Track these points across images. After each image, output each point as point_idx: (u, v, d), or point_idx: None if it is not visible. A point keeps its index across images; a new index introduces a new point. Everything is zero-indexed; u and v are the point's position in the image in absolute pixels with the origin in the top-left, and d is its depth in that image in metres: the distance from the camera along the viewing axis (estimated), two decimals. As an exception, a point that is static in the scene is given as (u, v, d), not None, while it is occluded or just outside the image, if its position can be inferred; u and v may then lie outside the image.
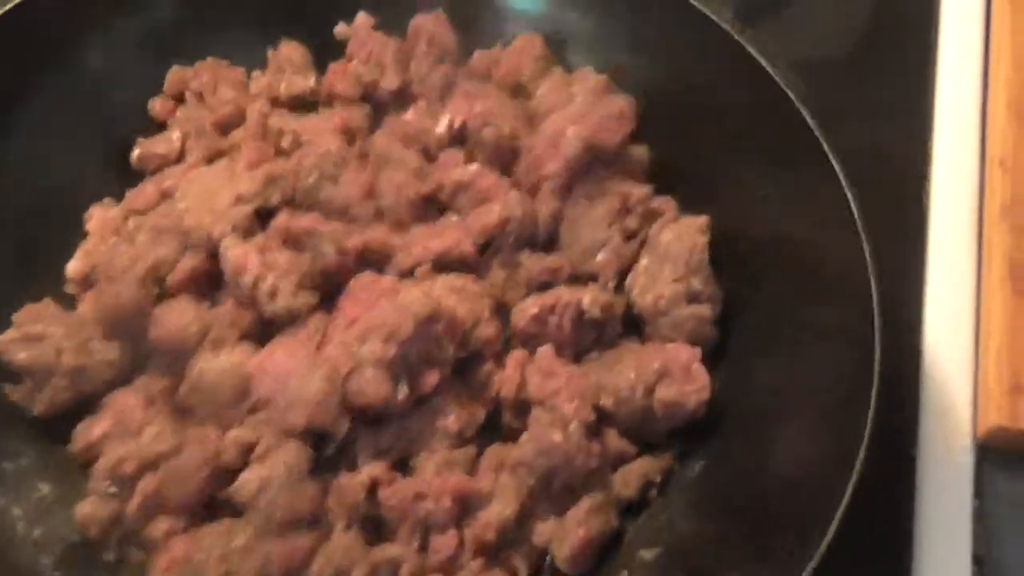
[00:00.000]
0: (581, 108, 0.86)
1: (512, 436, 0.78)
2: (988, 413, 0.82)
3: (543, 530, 0.75)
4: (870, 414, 0.68)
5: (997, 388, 0.82)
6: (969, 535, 0.80)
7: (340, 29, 0.96)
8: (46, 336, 0.80)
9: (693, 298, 0.80)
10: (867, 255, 0.73)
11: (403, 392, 0.75)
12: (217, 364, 0.77)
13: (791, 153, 0.79)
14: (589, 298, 0.79)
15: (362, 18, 0.96)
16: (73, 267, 0.86)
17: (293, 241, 0.82)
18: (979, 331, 0.86)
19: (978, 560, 0.79)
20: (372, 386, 0.74)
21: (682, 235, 0.81)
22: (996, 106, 0.95)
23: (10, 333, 0.80)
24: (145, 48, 0.93)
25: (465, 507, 0.75)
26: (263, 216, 0.84)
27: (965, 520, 0.80)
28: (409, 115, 0.90)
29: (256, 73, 0.95)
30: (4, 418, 0.80)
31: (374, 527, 0.76)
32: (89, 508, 0.76)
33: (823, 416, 0.73)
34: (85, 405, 0.80)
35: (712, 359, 0.79)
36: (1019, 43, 0.96)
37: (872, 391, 0.69)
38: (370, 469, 0.76)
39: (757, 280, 0.81)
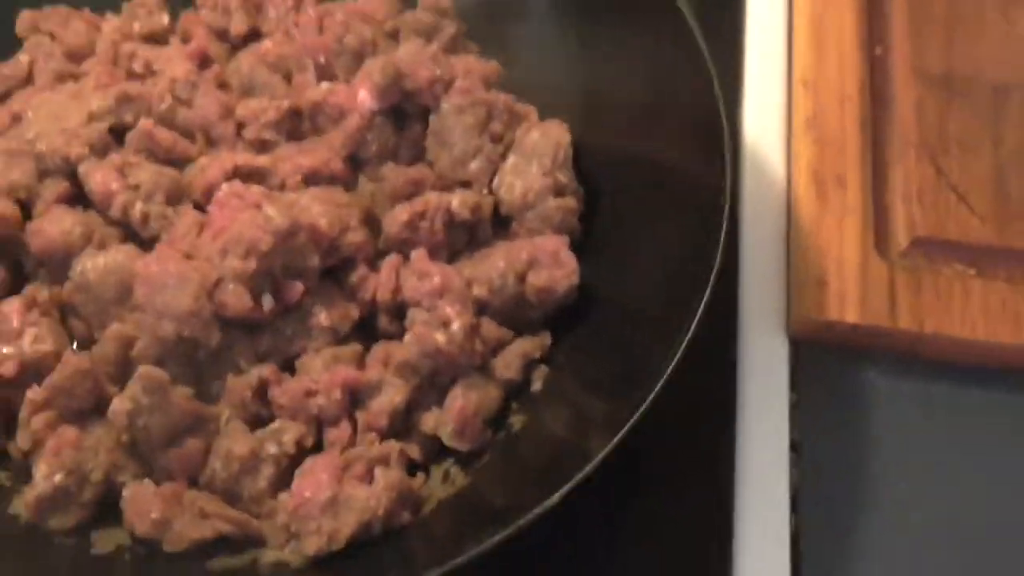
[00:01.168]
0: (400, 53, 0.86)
1: (389, 339, 0.78)
2: (797, 307, 0.87)
3: (428, 419, 0.76)
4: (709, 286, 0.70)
5: (804, 283, 0.87)
6: (787, 425, 0.84)
7: None
8: None
9: (559, 191, 0.81)
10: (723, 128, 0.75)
11: (268, 303, 0.75)
12: (100, 262, 0.75)
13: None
14: (458, 200, 0.80)
15: None
16: None
17: (157, 152, 0.81)
18: (790, 235, 0.91)
19: (795, 447, 0.83)
20: (234, 300, 0.74)
21: (547, 134, 0.83)
22: (799, 30, 1.02)
23: None
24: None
25: (356, 398, 0.75)
26: (117, 134, 0.83)
27: (783, 410, 0.84)
28: (267, 44, 0.89)
29: (109, 15, 0.93)
30: None
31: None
32: None
33: (666, 304, 0.75)
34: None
35: (577, 251, 0.79)
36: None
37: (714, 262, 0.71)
38: (258, 370, 0.75)
39: (614, 177, 0.83)
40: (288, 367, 0.77)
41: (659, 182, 0.81)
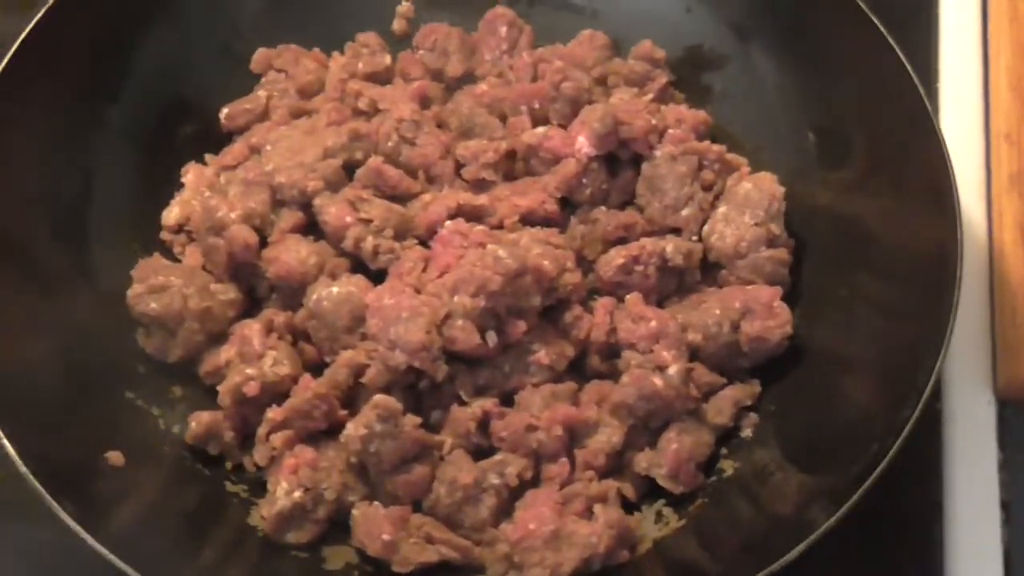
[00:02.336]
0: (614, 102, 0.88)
1: (600, 378, 0.80)
2: (1006, 367, 0.86)
3: (641, 459, 0.77)
4: (938, 364, 0.69)
5: (1013, 343, 0.86)
6: (996, 483, 0.83)
7: (397, 25, 1.00)
8: (169, 285, 0.81)
9: (771, 242, 0.82)
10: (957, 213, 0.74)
11: (493, 340, 0.77)
12: (335, 292, 0.79)
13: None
14: (672, 246, 0.82)
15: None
16: (170, 215, 0.88)
17: (384, 188, 0.85)
18: (994, 291, 0.90)
19: (1005, 506, 0.82)
20: (463, 335, 0.76)
21: (760, 185, 0.84)
22: (998, 88, 0.99)
23: (136, 287, 0.82)
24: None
25: (574, 436, 0.77)
26: (347, 169, 0.86)
27: (992, 469, 0.83)
28: (483, 86, 0.92)
29: (336, 54, 0.97)
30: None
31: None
32: (194, 424, 0.79)
33: (889, 361, 0.75)
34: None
35: (786, 302, 0.80)
36: (1017, 30, 1.01)
37: (944, 341, 0.70)
38: (480, 403, 0.77)
39: (821, 228, 0.84)
40: (504, 401, 0.79)
41: (874, 237, 0.81)
